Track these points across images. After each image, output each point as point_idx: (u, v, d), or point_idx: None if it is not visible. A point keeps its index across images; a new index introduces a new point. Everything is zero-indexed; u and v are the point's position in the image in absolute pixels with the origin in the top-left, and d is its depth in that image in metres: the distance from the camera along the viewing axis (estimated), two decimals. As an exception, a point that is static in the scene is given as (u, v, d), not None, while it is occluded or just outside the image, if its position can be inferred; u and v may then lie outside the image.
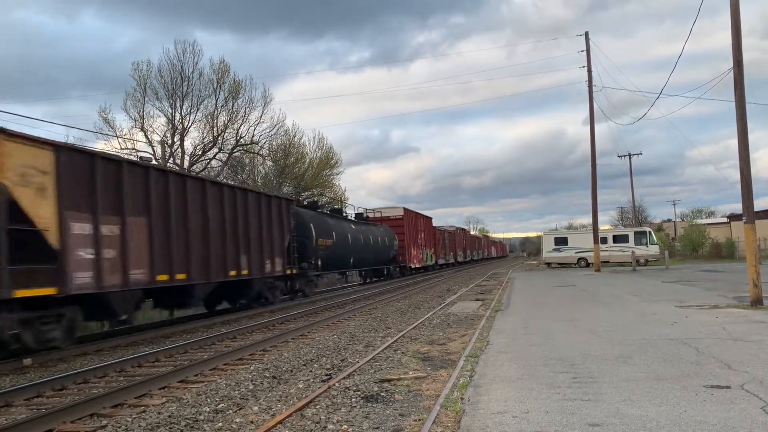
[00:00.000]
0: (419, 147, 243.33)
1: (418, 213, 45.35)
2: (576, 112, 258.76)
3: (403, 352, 9.20)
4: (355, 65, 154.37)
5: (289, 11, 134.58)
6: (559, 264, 43.43)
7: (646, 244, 41.36)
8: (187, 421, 5.88)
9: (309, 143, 47.49)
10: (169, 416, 6.03)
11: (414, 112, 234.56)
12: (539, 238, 65.48)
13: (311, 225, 23.01)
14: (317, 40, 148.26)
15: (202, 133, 38.25)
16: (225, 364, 9.12)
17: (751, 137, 14.32)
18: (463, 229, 71.56)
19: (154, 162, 18.42)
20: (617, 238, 42.43)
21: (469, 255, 71.46)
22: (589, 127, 34.41)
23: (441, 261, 51.79)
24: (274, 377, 7.85)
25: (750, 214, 13.04)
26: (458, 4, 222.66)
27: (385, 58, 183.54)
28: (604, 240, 40.62)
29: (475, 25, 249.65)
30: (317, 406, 6.08)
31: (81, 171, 10.82)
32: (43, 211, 9.80)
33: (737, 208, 65.68)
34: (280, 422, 5.52)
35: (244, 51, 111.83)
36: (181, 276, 13.50)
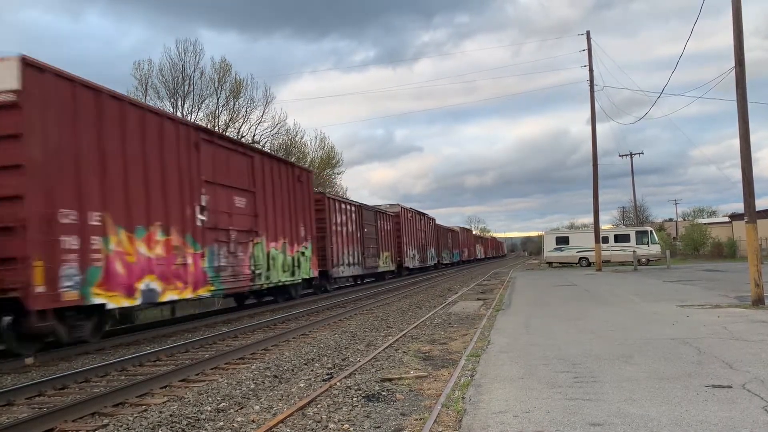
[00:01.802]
0: (422, 146, 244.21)
1: (221, 137, 16.46)
2: (579, 112, 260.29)
3: (404, 352, 9.20)
4: (359, 65, 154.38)
5: (294, 10, 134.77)
6: (560, 263, 43.40)
7: (648, 243, 41.36)
8: (189, 420, 5.88)
9: (310, 143, 47.57)
10: (171, 415, 6.04)
11: (418, 112, 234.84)
12: (540, 237, 65.54)
13: None
14: (322, 40, 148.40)
15: (203, 133, 38.27)
16: (226, 363, 9.12)
17: (753, 137, 14.33)
18: (424, 215, 45.65)
19: None
20: (619, 238, 42.43)
21: (434, 257, 48.73)
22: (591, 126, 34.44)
23: (349, 271, 27.00)
24: (276, 376, 7.86)
25: (752, 214, 13.02)
26: (463, 4, 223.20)
27: (390, 57, 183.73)
28: (606, 239, 40.59)
29: (480, 25, 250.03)
30: (318, 405, 6.08)
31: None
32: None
33: (739, 207, 65.80)
34: (282, 421, 5.53)
35: (249, 50, 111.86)
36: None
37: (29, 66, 9.52)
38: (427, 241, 45.52)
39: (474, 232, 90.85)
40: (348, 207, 27.51)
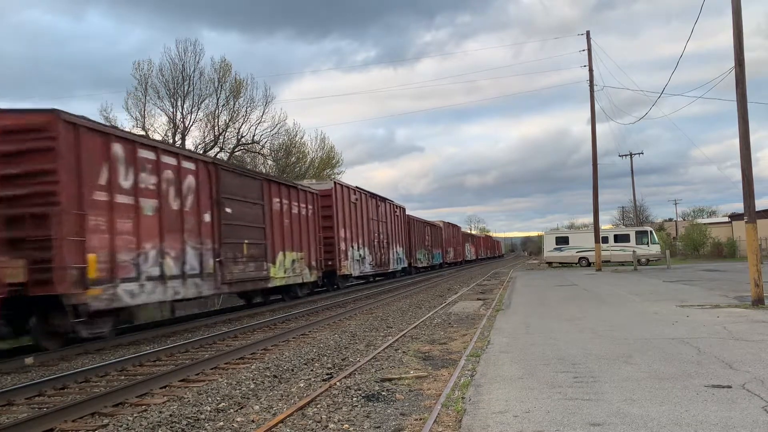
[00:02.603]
0: (424, 146, 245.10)
1: None
2: (580, 112, 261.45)
3: (404, 352, 9.20)
4: (361, 64, 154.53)
5: (296, 11, 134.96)
6: (560, 263, 43.42)
7: (648, 243, 41.40)
8: (189, 420, 5.88)
9: (310, 143, 47.56)
10: (171, 415, 6.03)
11: (419, 111, 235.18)
12: (540, 237, 65.56)
13: None
14: (323, 40, 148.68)
15: (204, 133, 38.36)
16: (226, 363, 9.12)
17: (753, 137, 14.37)
18: (385, 200, 33.35)
19: None
20: (618, 238, 42.46)
21: (403, 259, 36.83)
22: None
23: (166, 293, 12.64)
24: (275, 376, 7.86)
25: (751, 214, 13.02)
26: (465, 3, 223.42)
27: (392, 57, 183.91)
28: (606, 239, 40.61)
29: (482, 24, 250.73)
30: (318, 405, 6.08)
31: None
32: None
33: (739, 207, 65.67)
34: (281, 421, 5.52)
35: (251, 50, 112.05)
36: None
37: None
38: (389, 237, 33.15)
39: (464, 229, 78.72)
40: (168, 160, 13.29)
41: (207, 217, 14.71)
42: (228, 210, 15.63)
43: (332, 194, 24.55)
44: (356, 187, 28.68)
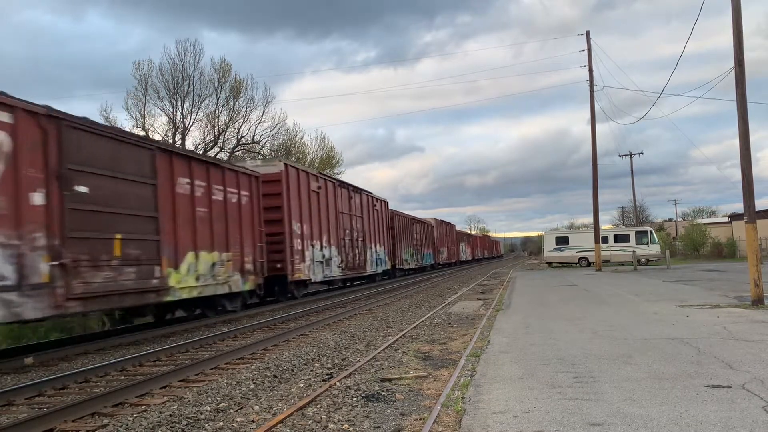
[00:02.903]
0: (424, 146, 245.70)
1: None
2: (581, 112, 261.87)
3: (404, 352, 9.19)
4: (361, 65, 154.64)
5: (296, 11, 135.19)
6: (560, 263, 43.43)
7: (647, 243, 41.42)
8: (188, 420, 5.88)
9: (310, 143, 47.52)
10: (170, 415, 6.03)
11: (419, 111, 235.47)
12: (540, 237, 65.59)
13: None
14: (324, 40, 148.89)
15: (203, 133, 38.36)
16: (226, 363, 9.12)
17: (753, 137, 14.37)
18: (359, 191, 28.07)
19: None
20: (618, 238, 42.48)
21: (384, 260, 31.50)
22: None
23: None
24: (275, 376, 7.86)
25: (751, 214, 13.02)
26: (465, 3, 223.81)
27: (392, 57, 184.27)
28: (606, 239, 40.63)
29: (482, 25, 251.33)
30: (318, 406, 6.08)
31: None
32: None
33: (739, 207, 65.55)
34: (281, 421, 5.53)
35: (251, 51, 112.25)
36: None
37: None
38: (366, 235, 28.16)
39: (464, 229, 73.34)
40: None
41: (38, 198, 9.57)
42: (82, 189, 10.51)
43: (282, 178, 19.27)
44: (319, 172, 24.59)
